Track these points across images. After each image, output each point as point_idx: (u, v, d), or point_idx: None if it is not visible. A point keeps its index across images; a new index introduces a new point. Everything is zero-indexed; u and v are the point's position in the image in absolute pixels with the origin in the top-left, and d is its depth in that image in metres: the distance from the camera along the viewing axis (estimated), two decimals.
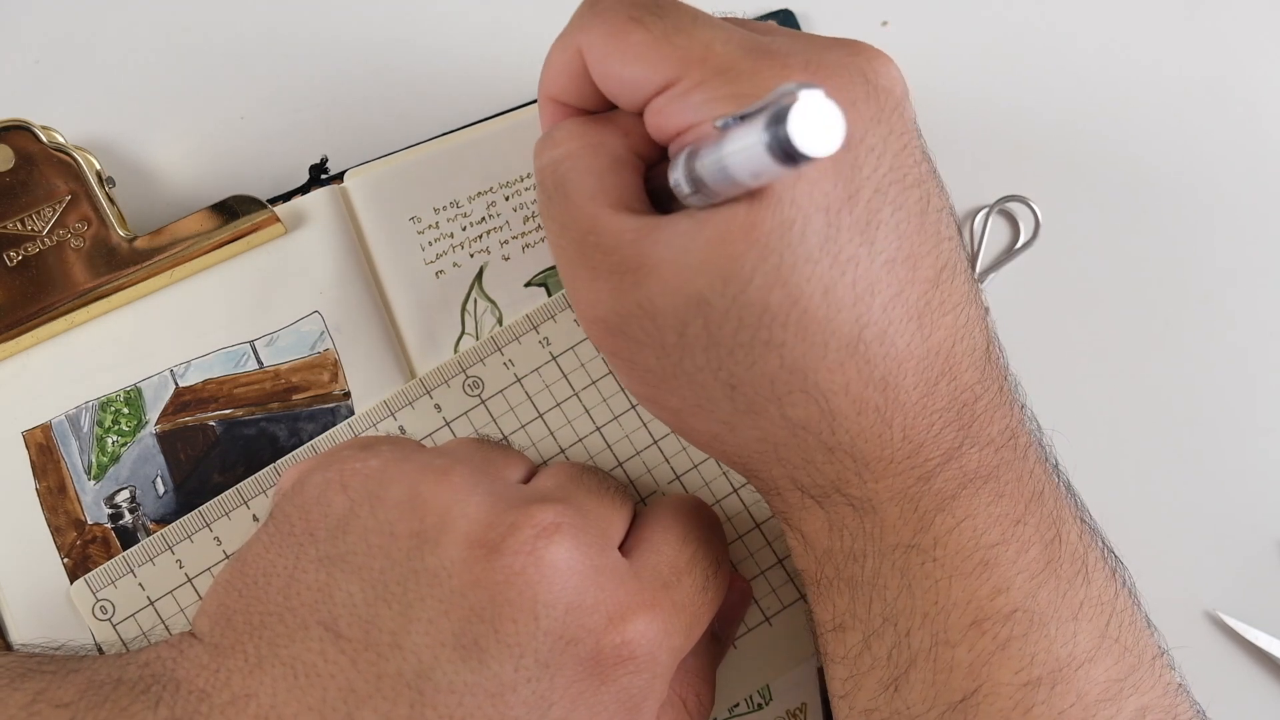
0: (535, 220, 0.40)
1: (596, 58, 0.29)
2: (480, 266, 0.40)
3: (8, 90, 0.41)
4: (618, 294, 0.29)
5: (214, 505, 0.37)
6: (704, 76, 0.27)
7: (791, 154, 0.22)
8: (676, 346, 0.28)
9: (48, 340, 0.38)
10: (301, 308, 0.39)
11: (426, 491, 0.31)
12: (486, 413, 0.38)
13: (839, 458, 0.29)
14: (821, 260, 0.27)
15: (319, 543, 0.31)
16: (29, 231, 0.38)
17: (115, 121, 0.41)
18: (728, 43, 0.28)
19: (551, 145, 0.31)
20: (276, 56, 0.42)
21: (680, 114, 0.28)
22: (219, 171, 0.41)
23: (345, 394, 0.38)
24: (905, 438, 0.29)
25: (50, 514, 0.37)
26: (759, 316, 0.27)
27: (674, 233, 0.28)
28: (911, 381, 0.28)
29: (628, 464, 0.38)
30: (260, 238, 0.39)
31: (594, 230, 0.29)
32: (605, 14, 0.29)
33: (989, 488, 0.29)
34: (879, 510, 0.29)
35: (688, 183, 0.27)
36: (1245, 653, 0.39)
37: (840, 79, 0.28)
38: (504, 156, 0.40)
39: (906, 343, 0.28)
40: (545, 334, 0.38)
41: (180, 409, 0.38)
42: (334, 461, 0.33)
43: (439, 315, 0.39)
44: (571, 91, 0.31)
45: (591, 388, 0.38)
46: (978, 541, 0.29)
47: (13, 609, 0.37)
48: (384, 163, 0.40)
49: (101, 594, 0.36)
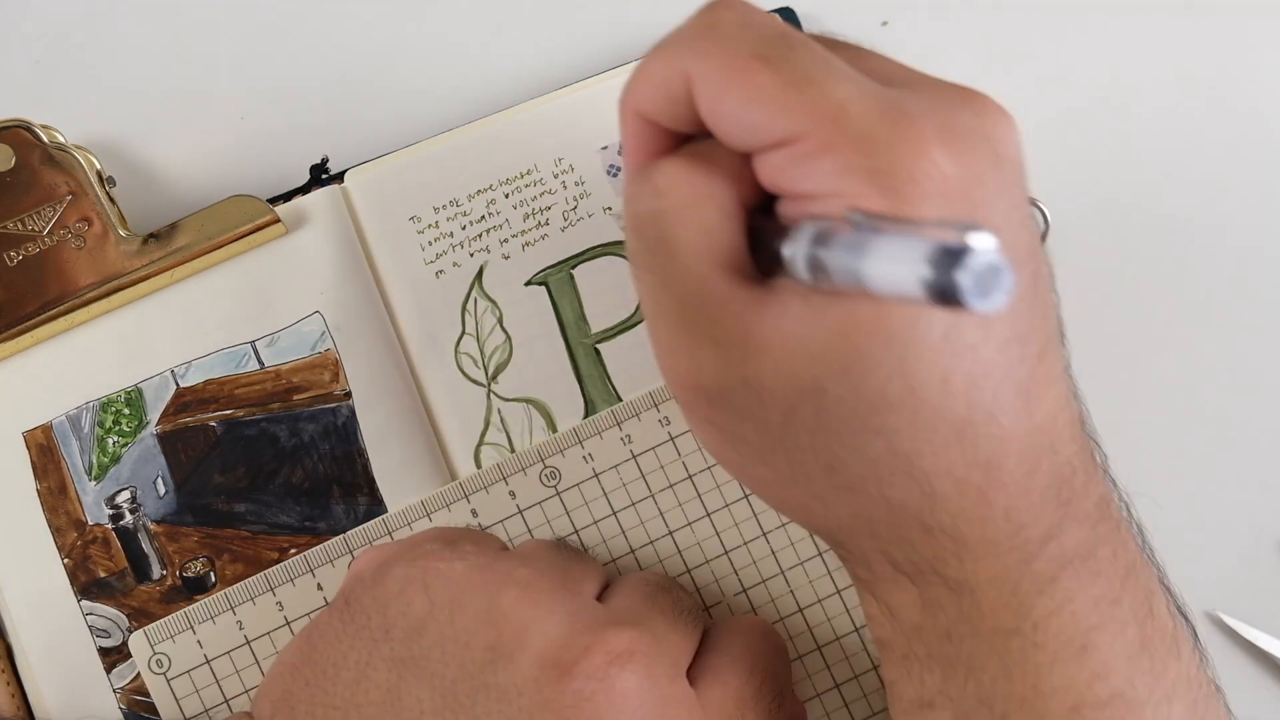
0: (535, 218, 0.40)
1: (710, 90, 0.27)
2: (480, 266, 0.40)
3: (8, 90, 0.41)
4: (722, 367, 0.27)
5: (279, 570, 0.37)
6: (833, 140, 0.25)
7: (953, 301, 0.20)
8: (780, 426, 0.27)
9: (48, 340, 0.38)
10: (302, 308, 0.39)
11: (506, 605, 0.31)
12: (560, 505, 0.38)
13: (937, 538, 0.28)
14: (943, 350, 0.26)
15: (394, 642, 0.31)
16: (29, 231, 0.38)
17: (115, 121, 0.41)
18: (862, 102, 0.25)
19: (655, 194, 0.28)
20: (276, 56, 0.42)
21: (804, 180, 0.26)
22: (220, 171, 0.41)
23: (346, 394, 0.38)
24: (1008, 518, 0.28)
25: (51, 514, 0.37)
26: (874, 405, 0.26)
27: (789, 315, 0.26)
28: (1015, 461, 0.27)
29: (695, 571, 0.38)
30: (261, 238, 0.39)
31: (700, 295, 0.27)
32: (728, 45, 0.26)
33: (1087, 567, 0.28)
34: (977, 592, 0.28)
35: (806, 265, 0.25)
36: (1245, 653, 0.39)
37: (969, 148, 0.26)
38: (503, 153, 0.40)
39: (1012, 422, 0.27)
40: (628, 432, 0.38)
41: (181, 409, 0.38)
42: (417, 558, 0.32)
43: (439, 315, 0.39)
44: (665, 113, 0.28)
45: (668, 490, 0.38)
46: (1078, 626, 0.28)
47: (13, 609, 0.37)
48: (384, 162, 0.40)
49: (159, 647, 0.36)
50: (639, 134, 0.29)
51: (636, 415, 0.38)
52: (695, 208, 0.27)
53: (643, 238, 0.28)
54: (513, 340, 0.39)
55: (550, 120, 0.40)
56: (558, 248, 0.40)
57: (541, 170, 0.40)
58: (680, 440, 0.38)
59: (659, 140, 0.29)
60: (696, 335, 0.27)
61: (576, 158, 0.40)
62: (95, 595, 0.37)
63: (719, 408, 0.28)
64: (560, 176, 0.40)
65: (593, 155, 0.40)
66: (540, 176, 0.40)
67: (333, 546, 0.37)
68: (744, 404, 0.27)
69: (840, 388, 0.26)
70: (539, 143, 0.40)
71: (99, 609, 0.37)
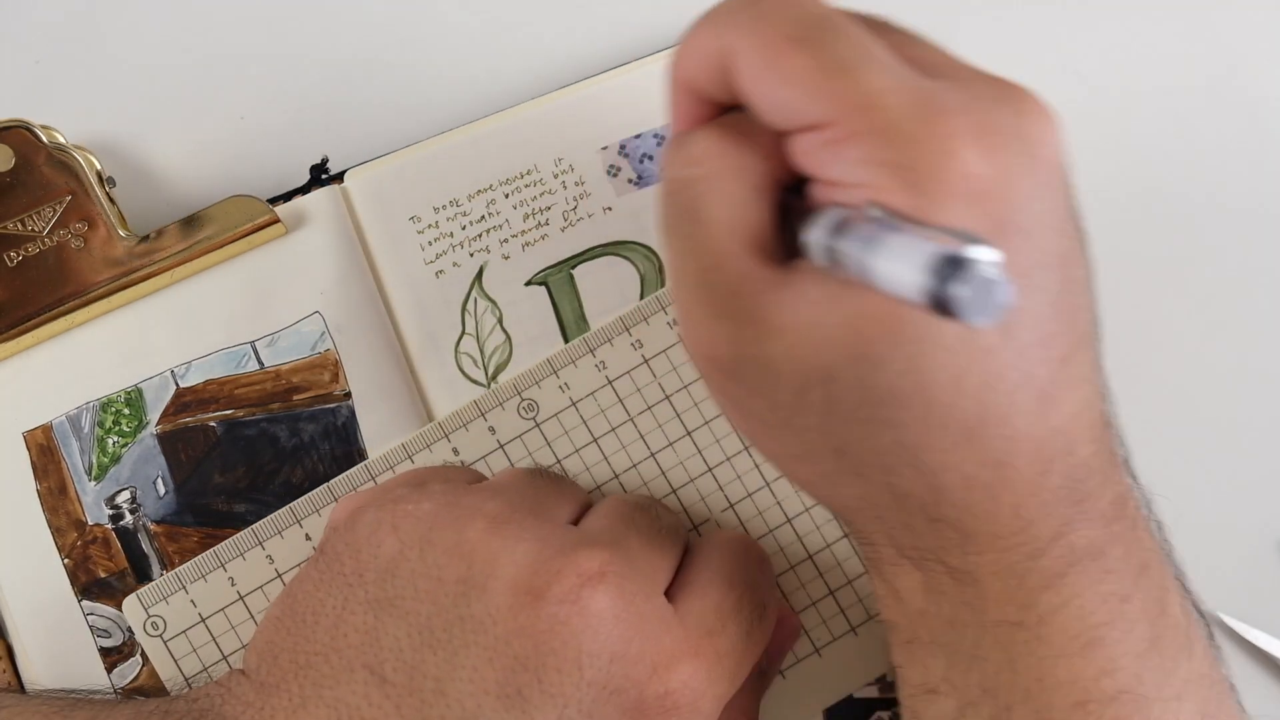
0: (535, 218, 0.40)
1: (747, 68, 0.27)
2: (480, 266, 0.40)
3: (8, 90, 0.41)
4: (737, 342, 0.27)
5: (267, 523, 0.37)
6: (861, 129, 0.25)
7: (948, 311, 0.21)
8: (789, 405, 0.27)
9: (48, 340, 0.38)
10: (302, 308, 0.39)
11: (474, 537, 0.31)
12: (541, 436, 0.38)
13: (941, 529, 0.28)
14: (958, 351, 0.25)
15: (367, 585, 0.31)
16: (29, 232, 0.38)
17: (115, 121, 0.41)
18: (896, 93, 0.25)
19: (688, 161, 0.28)
20: (277, 56, 0.42)
21: (830, 166, 0.26)
22: (219, 171, 0.41)
23: (346, 394, 0.38)
24: (1015, 515, 0.27)
25: (51, 514, 0.37)
26: (882, 397, 0.26)
27: (806, 299, 0.26)
28: (1026, 461, 0.27)
29: (681, 491, 0.38)
30: (261, 238, 0.39)
31: (721, 268, 0.27)
32: (766, 24, 0.26)
33: (1097, 565, 0.28)
34: (980, 582, 0.28)
35: (824, 253, 0.25)
36: (1245, 653, 0.39)
37: (1006, 154, 0.25)
38: (503, 153, 0.40)
39: (1027, 425, 0.27)
40: (601, 358, 0.38)
41: (181, 409, 0.38)
42: (386, 501, 0.33)
43: (439, 315, 0.39)
44: (709, 84, 0.28)
45: (647, 413, 0.38)
46: (1084, 622, 0.28)
47: (13, 609, 0.37)
48: (384, 162, 0.40)
49: (153, 610, 0.36)
50: (684, 103, 0.30)
51: (609, 341, 0.38)
52: (725, 180, 0.27)
53: (673, 203, 0.29)
54: (513, 340, 0.39)
55: (550, 120, 0.40)
56: (558, 248, 0.40)
57: (541, 170, 0.40)
58: (654, 362, 0.38)
59: (703, 110, 0.29)
60: (715, 307, 0.27)
61: (576, 158, 0.40)
62: (95, 595, 0.37)
63: (732, 379, 0.28)
64: (560, 177, 0.40)
65: (593, 155, 0.40)
66: (540, 177, 0.40)
67: (318, 496, 0.37)
68: (756, 380, 0.27)
69: (849, 376, 0.26)
70: (539, 143, 0.40)
71: (99, 609, 0.37)
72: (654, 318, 0.39)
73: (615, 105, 0.41)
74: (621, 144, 0.40)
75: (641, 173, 0.40)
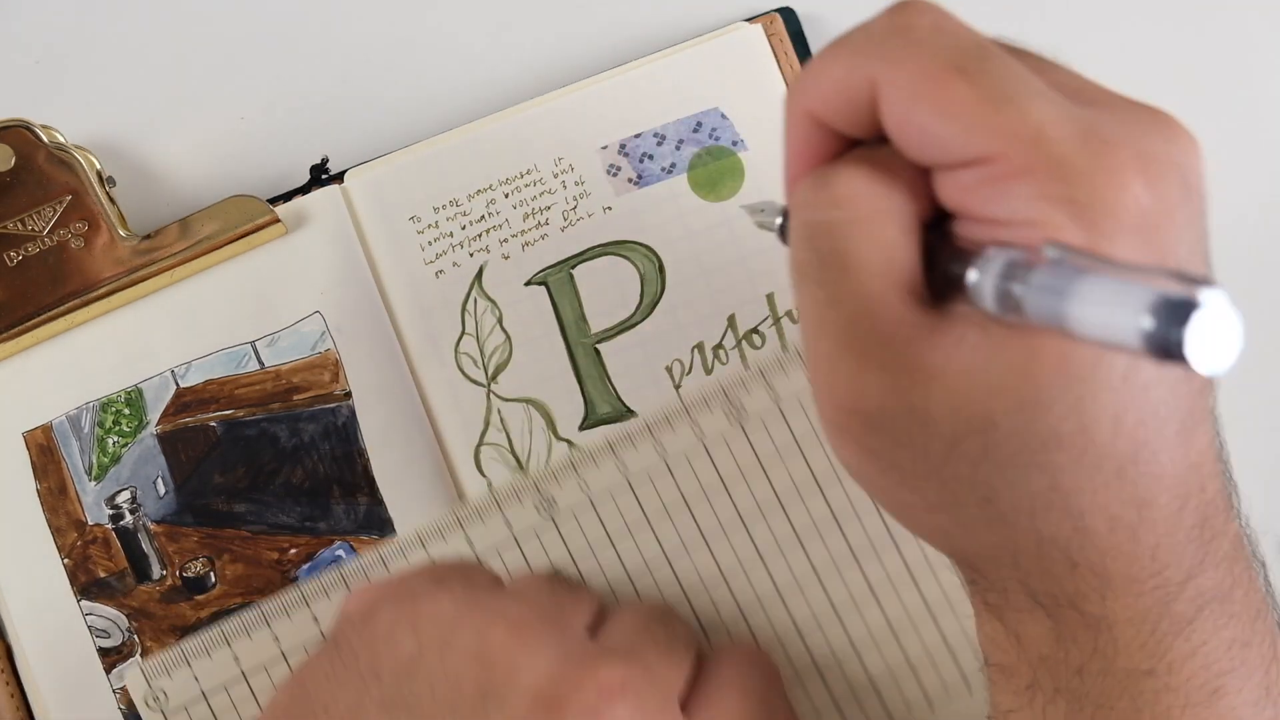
0: (535, 218, 0.40)
1: (899, 100, 0.25)
2: (480, 266, 0.40)
3: (8, 90, 0.41)
4: (889, 392, 0.26)
5: (274, 603, 0.36)
6: (1029, 164, 0.24)
7: (1175, 357, 0.20)
8: (941, 456, 0.26)
9: (48, 340, 0.38)
10: (302, 308, 0.39)
11: (496, 643, 0.31)
12: (556, 533, 0.38)
13: (1082, 573, 0.27)
14: (1121, 390, 0.25)
15: (383, 684, 0.30)
16: (29, 231, 0.38)
17: (116, 121, 0.41)
18: (1061, 125, 0.24)
19: (832, 203, 0.26)
20: (277, 56, 0.42)
21: (996, 204, 0.25)
22: (220, 171, 0.41)
23: (346, 394, 0.38)
24: (1153, 557, 0.27)
25: (51, 515, 0.37)
26: (1045, 442, 0.25)
27: (966, 344, 0.25)
28: (1166, 499, 0.26)
29: (695, 600, 0.38)
30: (261, 238, 0.39)
31: (873, 315, 0.26)
32: (921, 53, 0.25)
33: (1224, 609, 0.28)
34: (1115, 629, 0.28)
35: (995, 297, 0.24)
36: None
37: (1165, 185, 0.24)
38: (503, 153, 0.40)
39: (1170, 460, 0.26)
40: (623, 459, 0.38)
41: (181, 409, 0.38)
42: (405, 597, 0.32)
43: (439, 315, 0.39)
44: (841, 117, 0.27)
45: (665, 520, 0.38)
46: (1210, 670, 0.27)
47: (13, 609, 0.37)
48: (384, 162, 0.40)
49: (156, 683, 0.36)
50: (807, 135, 0.28)
51: (632, 443, 0.38)
52: (876, 222, 0.26)
53: (814, 248, 0.27)
54: (513, 340, 0.39)
55: (550, 120, 0.40)
56: (557, 248, 0.40)
57: (541, 170, 0.40)
58: (675, 467, 0.38)
59: (828, 143, 0.28)
60: (864, 357, 0.26)
61: (576, 158, 0.40)
62: (95, 595, 0.37)
63: (877, 433, 0.27)
64: (560, 176, 0.40)
65: (592, 155, 0.40)
66: (540, 176, 0.40)
67: (328, 579, 0.37)
68: (906, 432, 0.26)
69: (1013, 423, 0.25)
70: (538, 142, 0.40)
71: (99, 609, 0.37)
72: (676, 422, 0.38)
73: (615, 105, 0.41)
74: (621, 143, 0.40)
75: (641, 172, 0.40)
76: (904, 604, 0.38)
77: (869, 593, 0.38)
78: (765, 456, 0.38)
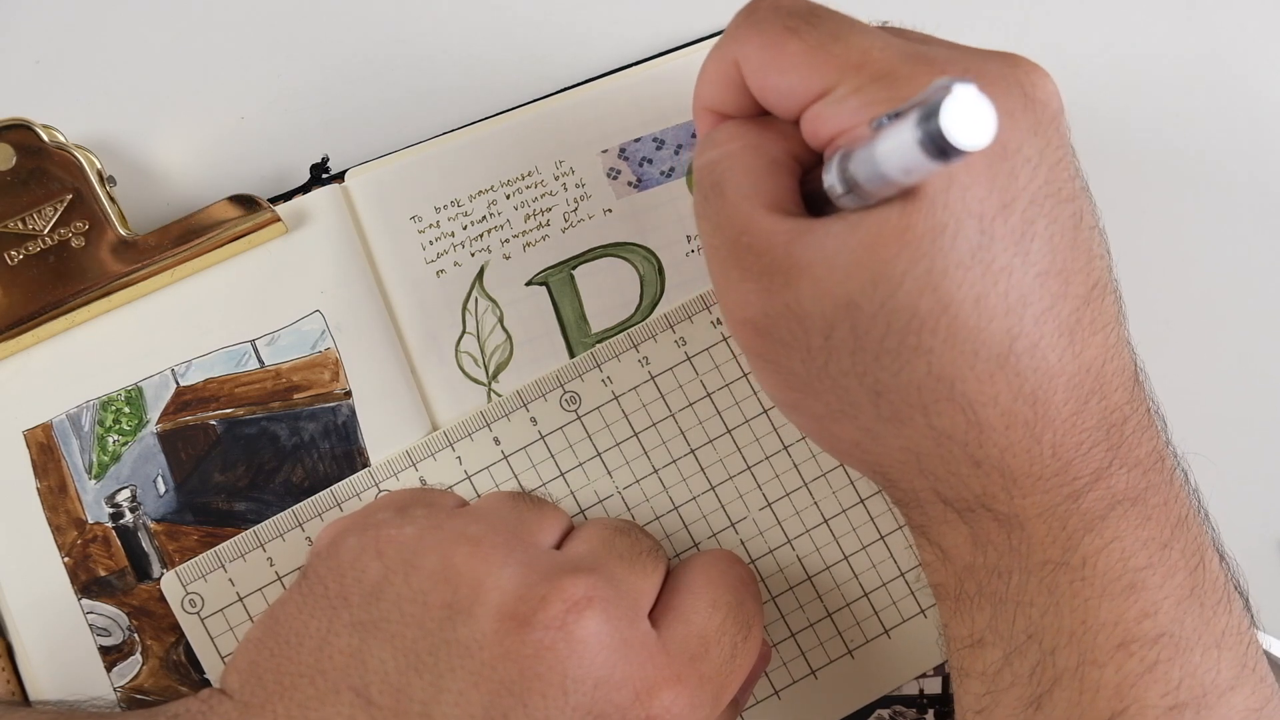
0: (536, 219, 0.40)
1: (753, 68, 0.30)
2: (481, 265, 0.40)
3: (8, 89, 0.41)
4: (767, 295, 0.29)
5: (307, 505, 0.37)
6: (861, 82, 0.27)
7: (944, 148, 0.22)
8: (822, 350, 0.28)
9: (49, 339, 0.38)
10: (302, 307, 0.39)
11: (459, 562, 0.31)
12: (582, 428, 0.38)
13: (986, 471, 0.29)
14: (973, 268, 0.26)
15: (352, 608, 0.31)
16: (30, 230, 0.38)
17: (116, 120, 0.41)
18: (885, 49, 0.28)
19: (711, 146, 0.31)
20: (277, 56, 0.42)
21: (836, 118, 0.28)
22: (220, 170, 0.41)
23: (346, 393, 0.38)
24: (1055, 455, 0.28)
25: (51, 513, 0.37)
26: (907, 322, 0.27)
27: (826, 235, 0.28)
28: (1062, 398, 0.28)
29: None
30: (261, 237, 0.39)
31: (747, 230, 0.29)
32: (761, 24, 0.29)
33: (1137, 510, 0.29)
34: (1026, 526, 0.29)
35: (841, 184, 0.27)
36: None
37: (997, 88, 0.27)
38: (505, 155, 0.40)
39: (1058, 358, 0.28)
40: (645, 353, 0.39)
41: (181, 408, 0.38)
42: (369, 526, 0.33)
43: (440, 314, 0.39)
44: (728, 101, 0.31)
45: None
46: (1125, 564, 0.29)
47: (13, 608, 0.37)
48: (385, 161, 0.40)
49: (191, 587, 0.36)
50: (711, 127, 0.32)
51: (653, 337, 0.39)
52: (744, 155, 0.30)
53: (700, 186, 0.31)
54: (513, 340, 0.39)
55: (551, 123, 0.41)
56: (558, 248, 0.40)
57: (542, 172, 0.40)
58: (697, 360, 0.39)
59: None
60: (743, 268, 0.29)
61: (577, 160, 0.40)
62: (95, 594, 0.37)
63: (766, 339, 0.29)
64: (561, 179, 0.40)
65: (593, 158, 0.40)
66: (541, 178, 0.40)
67: (359, 480, 0.37)
68: (788, 332, 0.29)
69: (871, 303, 0.27)
70: (540, 145, 0.40)
71: (99, 608, 0.37)
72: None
73: (615, 109, 0.41)
74: (621, 147, 0.41)
75: (641, 176, 0.40)
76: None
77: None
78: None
